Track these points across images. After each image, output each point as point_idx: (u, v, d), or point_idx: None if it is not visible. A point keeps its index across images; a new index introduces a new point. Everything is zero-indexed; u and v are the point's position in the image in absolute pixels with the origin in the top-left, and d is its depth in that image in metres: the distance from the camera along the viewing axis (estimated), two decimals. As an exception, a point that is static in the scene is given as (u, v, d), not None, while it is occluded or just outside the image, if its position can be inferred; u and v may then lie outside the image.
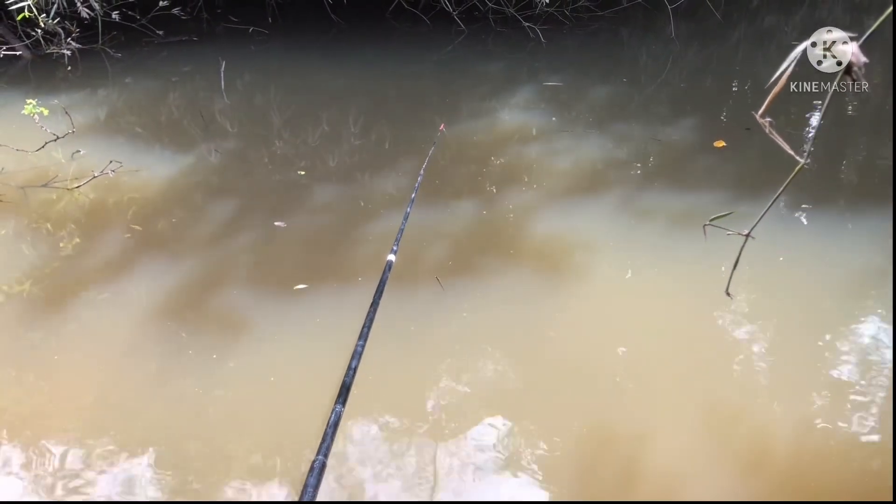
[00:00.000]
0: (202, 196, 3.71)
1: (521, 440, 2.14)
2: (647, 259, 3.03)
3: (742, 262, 1.33)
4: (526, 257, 3.07)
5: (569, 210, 3.51)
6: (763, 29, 7.28)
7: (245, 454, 2.11)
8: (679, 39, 6.62)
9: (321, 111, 4.87)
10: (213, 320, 2.68)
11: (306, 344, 2.55)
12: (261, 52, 6.48)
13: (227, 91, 5.24)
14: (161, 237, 3.26)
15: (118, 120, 4.78)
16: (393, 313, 2.62)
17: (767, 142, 1.17)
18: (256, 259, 3.10)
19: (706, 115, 4.93)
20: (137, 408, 2.28)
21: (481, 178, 3.89)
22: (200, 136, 4.42)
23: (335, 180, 3.91)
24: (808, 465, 2.05)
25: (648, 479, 2.01)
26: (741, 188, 3.72)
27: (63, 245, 3.19)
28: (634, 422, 2.20)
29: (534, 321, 2.68)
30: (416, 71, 6.02)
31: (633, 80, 5.81)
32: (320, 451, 0.98)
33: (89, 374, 2.42)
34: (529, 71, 6.04)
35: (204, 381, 2.37)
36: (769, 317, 2.67)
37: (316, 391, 2.26)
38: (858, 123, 4.70)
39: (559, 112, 4.91)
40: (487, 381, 2.39)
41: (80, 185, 3.64)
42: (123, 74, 5.79)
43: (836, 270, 2.95)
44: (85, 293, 2.85)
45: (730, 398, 2.30)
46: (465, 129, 4.55)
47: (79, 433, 2.17)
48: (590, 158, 4.07)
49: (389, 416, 2.23)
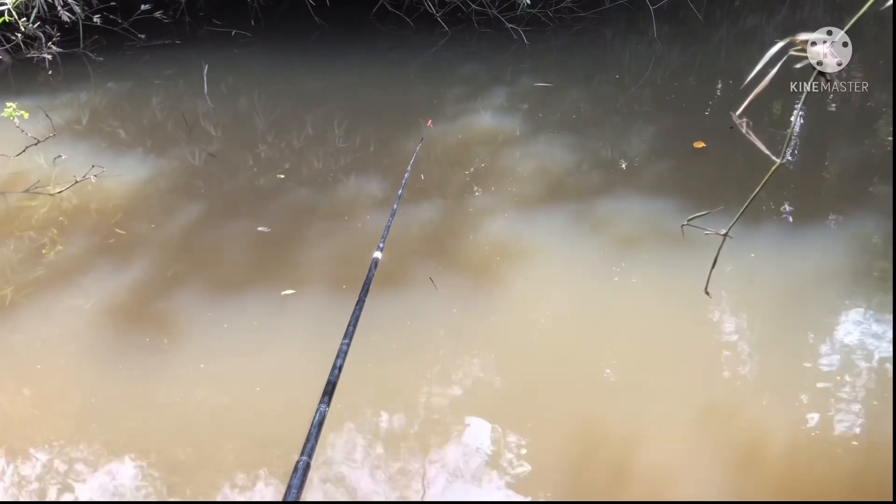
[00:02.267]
0: (186, 200, 3.68)
1: (509, 441, 2.14)
2: (627, 260, 3.05)
3: (722, 262, 1.34)
4: (509, 258, 3.08)
5: (550, 211, 3.52)
6: (745, 29, 7.34)
7: (231, 457, 2.10)
8: (661, 40, 6.66)
9: (306, 114, 4.85)
10: (198, 325, 2.67)
11: (293, 346, 2.54)
12: (244, 55, 6.45)
13: (210, 94, 5.22)
14: (144, 242, 3.24)
15: (100, 124, 4.74)
16: (381, 313, 2.62)
17: (748, 142, 1.18)
18: (241, 263, 3.09)
19: (688, 116, 4.96)
20: (122, 413, 2.27)
21: (464, 177, 3.89)
22: (184, 140, 4.40)
23: (320, 183, 3.90)
24: (808, 466, 2.04)
25: (637, 480, 2.02)
26: (720, 188, 3.75)
27: (45, 251, 3.16)
28: (622, 422, 2.21)
29: (517, 322, 2.69)
30: (401, 73, 6.01)
31: (616, 80, 5.85)
32: (304, 451, 0.97)
33: (73, 381, 2.40)
34: (514, 72, 6.06)
35: (189, 386, 2.36)
36: (751, 315, 2.70)
37: (303, 392, 2.25)
38: (840, 122, 4.75)
39: (543, 112, 4.92)
40: (474, 381, 2.39)
41: (62, 190, 3.61)
42: (105, 78, 5.74)
43: (819, 269, 2.98)
44: (68, 299, 2.83)
45: (721, 398, 2.31)
46: (449, 129, 4.55)
47: (63, 440, 2.15)
48: (572, 159, 4.09)
49: (376, 416, 2.22)
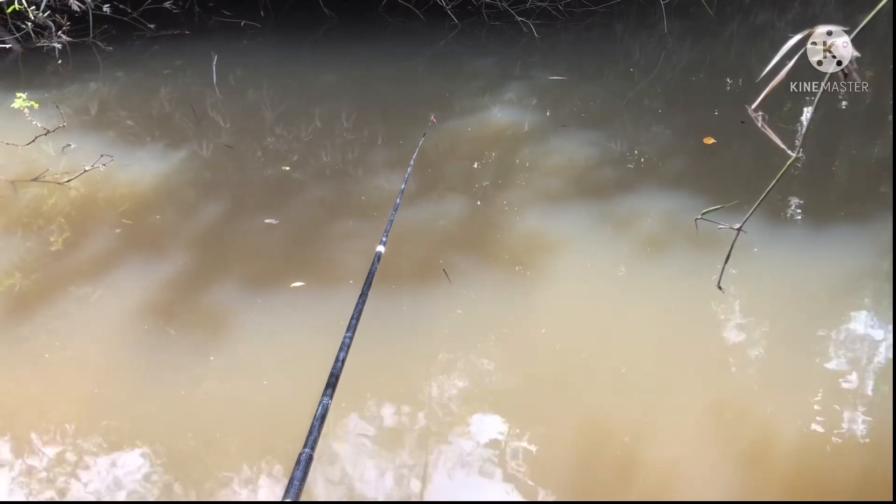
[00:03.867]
0: (194, 191, 3.69)
1: (514, 437, 2.14)
2: (639, 255, 3.04)
3: (735, 257, 1.33)
4: (519, 253, 3.07)
5: (560, 206, 3.51)
6: (756, 25, 7.28)
7: (235, 449, 2.10)
8: (672, 35, 6.62)
9: (314, 106, 4.85)
10: (205, 316, 2.67)
11: (301, 339, 2.55)
12: (253, 46, 6.45)
13: (219, 85, 5.22)
14: (152, 232, 3.25)
15: (109, 114, 4.75)
16: (384, 306, 2.62)
17: (758, 138, 1.17)
18: (249, 255, 3.09)
19: (699, 111, 4.93)
20: (129, 403, 2.28)
21: (474, 173, 3.88)
22: (192, 131, 4.40)
23: (328, 175, 3.90)
24: (808, 465, 2.04)
25: (645, 477, 2.01)
26: (731, 184, 3.73)
27: (53, 240, 3.17)
28: (634, 419, 2.20)
29: (525, 317, 2.68)
30: (410, 66, 6.00)
31: (626, 75, 5.82)
32: (307, 443, 0.97)
33: (80, 371, 2.41)
34: (523, 66, 6.03)
35: (195, 377, 2.36)
36: (763, 311, 2.68)
37: (311, 384, 2.26)
38: (851, 121, 4.71)
39: (553, 107, 4.90)
40: (480, 376, 2.39)
41: (71, 179, 3.62)
42: (115, 68, 5.75)
43: (831, 267, 2.96)
44: (75, 288, 2.84)
45: (727, 395, 2.30)
46: (458, 124, 4.54)
47: (69, 429, 2.16)
48: (582, 154, 4.07)
49: (379, 409, 2.23)
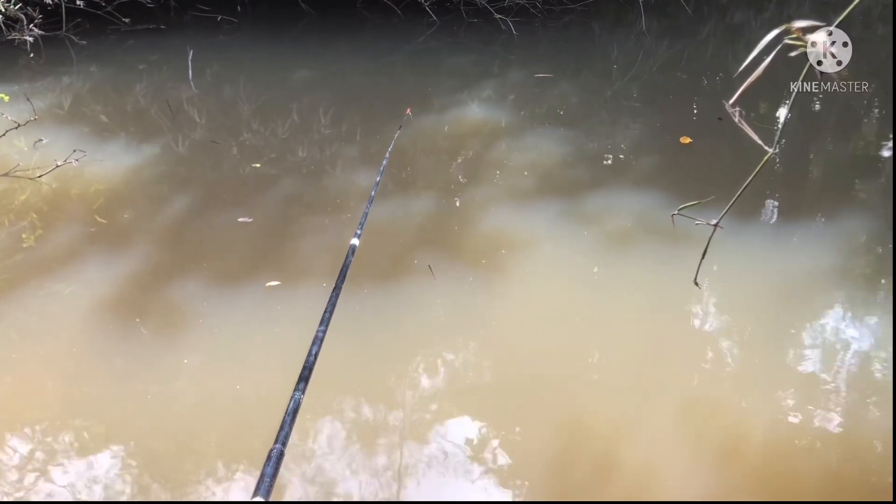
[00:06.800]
0: (168, 187, 3.65)
1: (489, 434, 2.14)
2: (615, 252, 3.06)
3: (711, 254, 1.34)
4: (494, 249, 3.08)
5: (536, 203, 3.52)
6: (733, 25, 7.36)
7: (207, 445, 2.09)
8: (650, 34, 6.66)
9: (291, 102, 4.81)
10: (178, 315, 2.64)
11: (273, 335, 2.53)
12: (230, 41, 6.39)
13: (195, 80, 5.16)
14: (125, 229, 3.21)
15: (83, 108, 4.68)
16: (358, 302, 2.62)
17: (734, 137, 1.19)
18: (223, 252, 3.06)
19: (675, 110, 4.97)
20: (101, 402, 2.25)
21: (451, 169, 3.88)
22: (167, 127, 4.35)
23: (304, 172, 3.87)
24: (808, 465, 2.04)
25: (621, 473, 2.01)
26: (708, 182, 3.76)
27: (25, 236, 3.12)
28: (610, 417, 2.20)
29: (501, 313, 2.69)
30: (388, 62, 5.98)
31: (604, 73, 5.84)
32: (278, 439, 0.97)
33: (50, 371, 2.37)
34: (502, 64, 6.04)
35: (168, 375, 2.34)
36: (739, 307, 2.71)
37: (285, 381, 2.24)
38: (827, 119, 4.78)
39: (531, 105, 4.91)
40: (454, 371, 2.39)
41: (43, 174, 3.56)
42: (88, 62, 5.66)
43: (807, 263, 3.00)
44: (47, 286, 2.80)
45: (705, 391, 2.31)
46: (435, 120, 4.53)
47: (40, 430, 2.13)
48: (559, 152, 4.08)
49: (352, 405, 2.22)
